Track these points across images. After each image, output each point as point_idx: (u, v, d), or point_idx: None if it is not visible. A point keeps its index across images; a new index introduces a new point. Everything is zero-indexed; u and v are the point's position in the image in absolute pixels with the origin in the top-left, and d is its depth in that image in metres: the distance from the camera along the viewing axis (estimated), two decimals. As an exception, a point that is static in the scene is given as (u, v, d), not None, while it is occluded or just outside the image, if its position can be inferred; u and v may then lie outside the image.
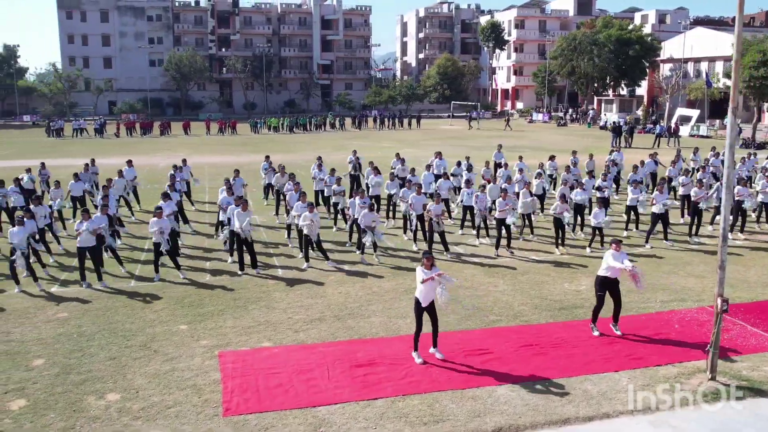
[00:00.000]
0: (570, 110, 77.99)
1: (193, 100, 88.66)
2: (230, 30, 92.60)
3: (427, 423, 8.42)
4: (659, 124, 53.70)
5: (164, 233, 14.27)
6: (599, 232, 16.72)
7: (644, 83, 73.27)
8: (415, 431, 8.26)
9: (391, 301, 12.98)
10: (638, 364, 10.10)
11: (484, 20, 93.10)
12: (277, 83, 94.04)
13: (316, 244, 15.45)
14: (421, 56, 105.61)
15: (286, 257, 16.50)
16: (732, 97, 9.31)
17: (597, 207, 17.04)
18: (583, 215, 18.43)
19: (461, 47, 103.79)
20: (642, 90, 75.57)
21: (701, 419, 8.55)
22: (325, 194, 20.54)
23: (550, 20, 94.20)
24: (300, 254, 16.11)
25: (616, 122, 53.35)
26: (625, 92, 76.14)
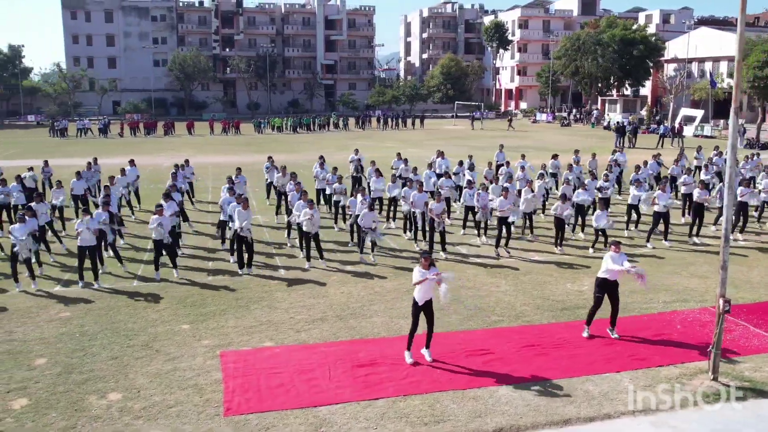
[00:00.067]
0: (574, 110, 77.82)
1: (197, 100, 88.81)
2: (234, 30, 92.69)
3: (428, 423, 8.42)
4: (663, 125, 53.47)
5: (164, 229, 14.31)
6: (603, 233, 16.65)
7: (648, 83, 73.13)
8: (416, 431, 8.27)
9: (393, 301, 12.98)
10: (640, 365, 10.09)
11: (488, 20, 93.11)
12: (281, 83, 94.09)
13: (314, 239, 15.39)
14: (425, 56, 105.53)
15: (289, 257, 16.51)
16: (734, 98, 9.29)
17: (599, 209, 16.88)
18: (585, 216, 18.40)
19: (465, 47, 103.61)
20: (646, 90, 75.41)
21: (702, 420, 8.53)
22: (327, 192, 20.57)
23: (554, 20, 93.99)
24: (301, 254, 16.13)
25: (620, 122, 53.09)
26: (629, 92, 75.97)
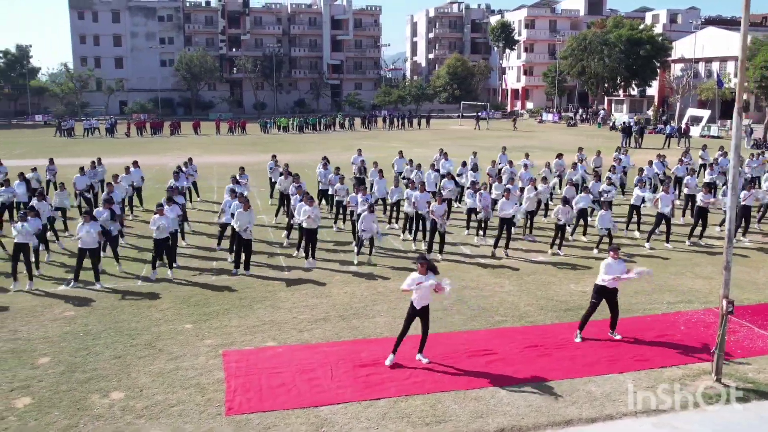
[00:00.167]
0: (580, 110, 77.67)
1: (204, 100, 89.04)
2: (240, 30, 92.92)
3: (430, 423, 8.41)
4: (670, 125, 53.32)
5: (168, 225, 14.38)
6: (607, 233, 16.59)
7: (655, 83, 72.93)
8: (417, 431, 8.26)
9: (396, 302, 12.96)
10: (643, 366, 10.05)
11: (494, 20, 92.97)
12: (287, 83, 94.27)
13: (311, 234, 15.43)
14: (431, 56, 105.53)
15: (293, 257, 16.52)
16: (737, 98, 9.25)
17: (603, 209, 16.66)
18: (587, 220, 18.19)
19: (471, 47, 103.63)
20: (653, 90, 75.21)
21: (704, 421, 8.49)
22: (329, 193, 20.57)
23: (561, 20, 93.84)
24: (295, 253, 16.25)
25: (626, 122, 52.93)
26: (636, 92, 75.79)
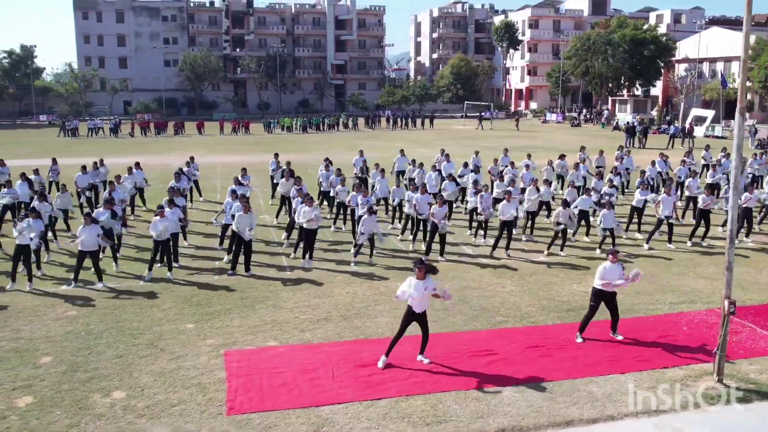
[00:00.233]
0: (584, 110, 77.51)
1: (208, 100, 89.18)
2: (244, 30, 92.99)
3: (430, 424, 8.41)
4: (674, 125, 53.18)
5: (166, 232, 14.41)
6: (611, 233, 16.56)
7: (659, 83, 72.81)
8: (418, 432, 8.28)
9: (398, 302, 12.89)
10: (645, 366, 10.04)
11: (498, 20, 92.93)
12: (291, 83, 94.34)
13: (310, 235, 15.47)
14: (435, 56, 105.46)
15: (294, 257, 16.53)
16: (740, 98, 9.22)
17: (606, 209, 16.62)
18: (589, 221, 18.14)
19: (475, 47, 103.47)
20: (657, 90, 75.06)
21: (705, 422, 8.47)
22: (330, 194, 20.56)
23: (565, 20, 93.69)
24: (293, 254, 16.28)
25: (630, 122, 52.80)
26: (640, 92, 75.63)
